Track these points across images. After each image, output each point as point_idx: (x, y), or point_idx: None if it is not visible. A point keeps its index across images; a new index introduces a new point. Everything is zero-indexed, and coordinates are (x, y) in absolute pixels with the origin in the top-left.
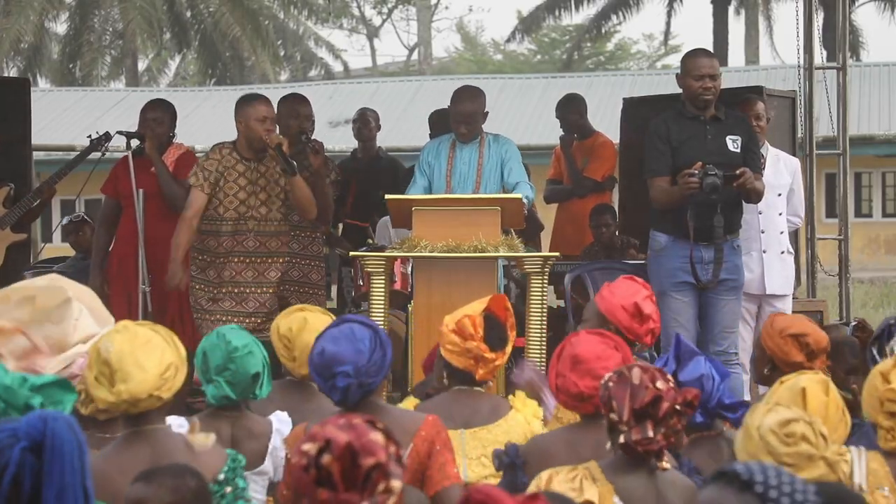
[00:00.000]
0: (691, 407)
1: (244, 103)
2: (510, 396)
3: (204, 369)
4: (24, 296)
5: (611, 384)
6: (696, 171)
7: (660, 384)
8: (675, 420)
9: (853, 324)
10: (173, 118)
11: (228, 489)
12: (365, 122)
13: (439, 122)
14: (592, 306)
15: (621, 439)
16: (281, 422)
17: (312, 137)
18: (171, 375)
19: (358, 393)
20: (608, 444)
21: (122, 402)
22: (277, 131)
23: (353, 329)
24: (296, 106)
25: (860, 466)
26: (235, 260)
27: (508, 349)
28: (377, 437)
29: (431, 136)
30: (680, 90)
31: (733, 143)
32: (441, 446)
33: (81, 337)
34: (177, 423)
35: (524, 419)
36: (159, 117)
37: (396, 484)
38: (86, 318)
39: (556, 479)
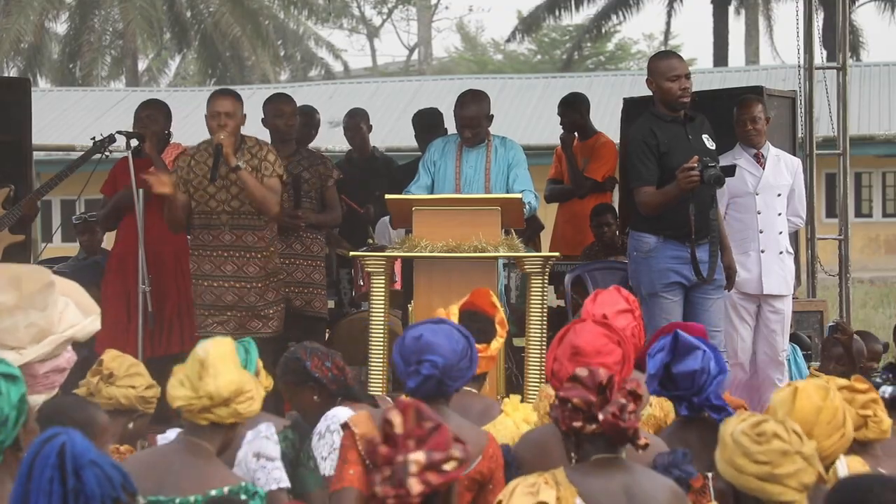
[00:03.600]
0: (636, 396)
1: (208, 99)
2: (504, 399)
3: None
4: (7, 278)
5: (561, 393)
6: (696, 165)
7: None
8: (632, 405)
9: (830, 324)
10: (167, 116)
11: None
12: (356, 127)
13: (422, 123)
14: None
15: (600, 417)
16: (256, 433)
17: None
18: (245, 397)
19: (435, 388)
20: (573, 459)
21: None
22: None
23: (451, 330)
24: (280, 105)
25: (842, 465)
26: (214, 254)
27: (494, 344)
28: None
29: (417, 138)
30: None
31: (709, 141)
32: (501, 470)
33: (66, 326)
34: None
35: (514, 423)
36: (152, 114)
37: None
38: (72, 309)
39: (518, 488)
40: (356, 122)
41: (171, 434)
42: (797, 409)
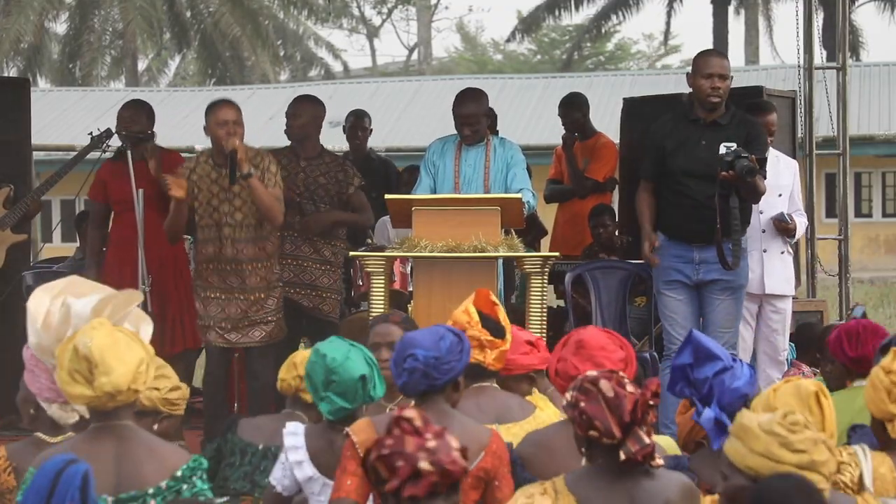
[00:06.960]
0: (657, 396)
1: (209, 109)
2: (527, 397)
3: (313, 390)
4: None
5: (581, 403)
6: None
7: (629, 388)
8: (651, 416)
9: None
10: (150, 116)
11: (185, 486)
12: (362, 128)
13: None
14: None
15: (622, 456)
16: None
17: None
18: (144, 370)
19: (422, 383)
20: (583, 460)
21: (102, 396)
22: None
23: (440, 329)
24: (295, 107)
25: (868, 467)
26: (219, 267)
27: (509, 337)
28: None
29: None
30: (680, 91)
31: (727, 150)
32: (506, 466)
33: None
34: (292, 430)
35: (548, 417)
36: (133, 115)
37: None
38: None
39: (518, 500)
40: (363, 124)
41: (294, 427)
42: (826, 413)
